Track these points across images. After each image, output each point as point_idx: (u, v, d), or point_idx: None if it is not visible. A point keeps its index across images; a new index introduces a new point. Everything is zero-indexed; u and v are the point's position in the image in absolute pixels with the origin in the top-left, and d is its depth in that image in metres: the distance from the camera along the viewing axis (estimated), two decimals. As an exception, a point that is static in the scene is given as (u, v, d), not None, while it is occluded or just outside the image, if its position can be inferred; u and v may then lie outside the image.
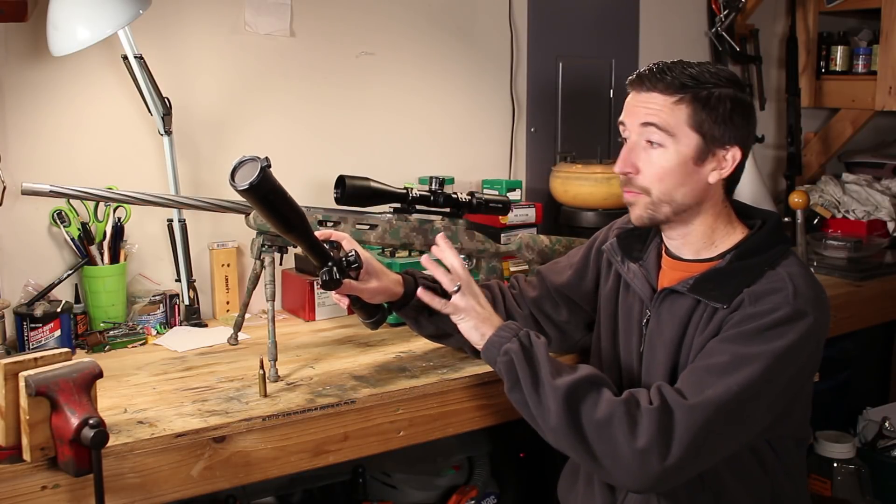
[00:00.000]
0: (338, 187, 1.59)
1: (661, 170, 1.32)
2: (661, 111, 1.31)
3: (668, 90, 1.30)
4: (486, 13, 2.36)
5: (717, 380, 1.23)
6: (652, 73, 1.32)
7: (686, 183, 1.32)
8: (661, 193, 1.33)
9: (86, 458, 1.13)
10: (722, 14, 2.78)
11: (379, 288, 1.45)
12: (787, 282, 1.28)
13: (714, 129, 1.30)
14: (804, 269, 1.33)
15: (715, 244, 1.38)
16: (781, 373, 1.25)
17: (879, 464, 2.31)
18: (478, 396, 1.55)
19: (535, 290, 1.62)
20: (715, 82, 1.30)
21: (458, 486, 2.05)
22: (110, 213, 1.79)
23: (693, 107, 1.30)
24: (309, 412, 1.37)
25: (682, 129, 1.30)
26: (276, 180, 1.20)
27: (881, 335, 2.70)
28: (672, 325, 1.36)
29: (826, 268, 2.39)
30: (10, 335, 1.67)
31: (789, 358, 1.25)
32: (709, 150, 1.32)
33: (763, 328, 1.25)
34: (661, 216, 1.36)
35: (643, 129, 1.33)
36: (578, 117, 2.56)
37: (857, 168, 3.12)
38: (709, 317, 1.32)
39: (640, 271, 1.44)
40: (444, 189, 1.70)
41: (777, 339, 1.24)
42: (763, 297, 1.27)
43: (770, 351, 1.23)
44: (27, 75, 1.73)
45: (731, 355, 1.24)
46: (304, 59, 2.06)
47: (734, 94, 1.32)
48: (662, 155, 1.32)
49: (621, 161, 1.35)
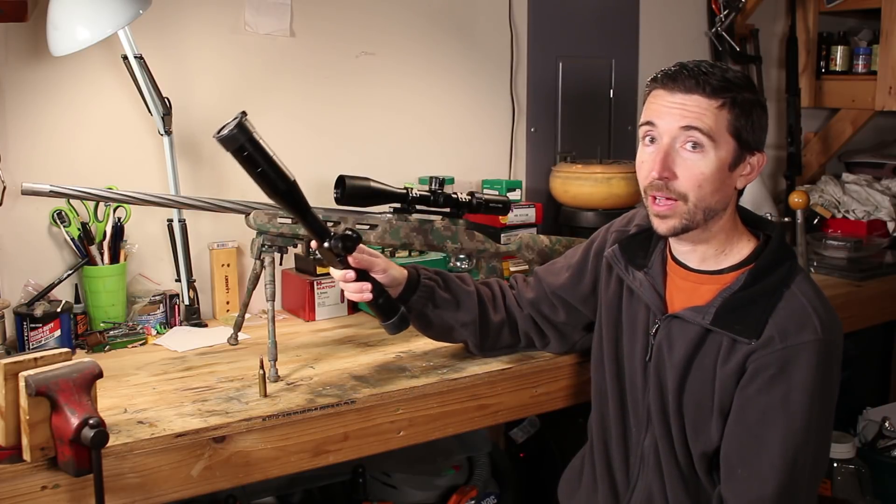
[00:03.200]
0: (338, 187, 1.59)
1: (700, 175, 1.27)
2: (704, 115, 1.25)
3: (712, 93, 1.25)
4: (486, 13, 2.36)
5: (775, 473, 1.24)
6: (693, 74, 1.26)
7: (720, 189, 1.29)
8: (697, 199, 1.28)
9: (86, 458, 1.13)
10: (722, 14, 2.78)
11: (388, 262, 1.44)
12: (809, 310, 1.26)
13: (749, 134, 1.28)
14: (814, 285, 1.32)
15: (725, 252, 1.35)
16: (828, 413, 1.28)
17: (879, 464, 2.31)
18: (478, 396, 1.55)
19: (532, 292, 1.61)
20: (744, 86, 1.28)
21: (458, 486, 2.05)
22: (110, 213, 1.79)
23: (733, 112, 1.26)
24: (309, 412, 1.37)
25: (722, 134, 1.26)
26: (256, 135, 1.19)
27: (881, 335, 2.70)
28: (683, 344, 1.33)
29: (826, 268, 2.39)
30: (10, 335, 1.68)
31: (831, 395, 1.28)
32: (742, 156, 1.29)
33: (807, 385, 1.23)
34: (695, 225, 1.30)
35: (683, 133, 1.26)
36: (578, 117, 2.56)
37: (857, 168, 3.12)
38: (729, 346, 1.29)
39: (646, 280, 1.41)
40: (444, 189, 1.70)
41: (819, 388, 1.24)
42: (791, 333, 1.25)
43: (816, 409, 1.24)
44: (27, 75, 1.73)
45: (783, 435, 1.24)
46: (304, 59, 2.06)
47: (758, 99, 1.30)
48: (702, 160, 1.26)
49: (658, 165, 1.27)
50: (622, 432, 1.44)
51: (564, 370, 1.65)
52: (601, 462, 1.47)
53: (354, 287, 1.38)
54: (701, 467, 1.34)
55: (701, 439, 1.33)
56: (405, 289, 1.48)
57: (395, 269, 1.47)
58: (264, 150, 1.20)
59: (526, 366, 1.60)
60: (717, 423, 1.31)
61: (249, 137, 1.18)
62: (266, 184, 1.22)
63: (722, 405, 1.30)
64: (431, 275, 1.52)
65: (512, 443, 2.33)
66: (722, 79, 1.26)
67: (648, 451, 1.39)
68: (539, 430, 2.30)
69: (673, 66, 1.29)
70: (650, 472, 1.39)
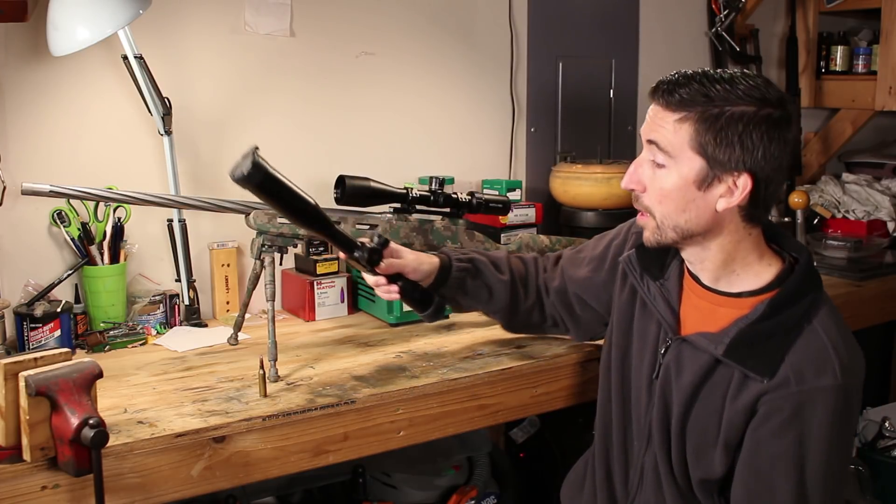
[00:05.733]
0: (338, 187, 1.59)
1: (660, 191, 1.23)
2: (663, 129, 1.21)
3: (673, 107, 1.20)
4: (486, 13, 2.36)
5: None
6: (663, 86, 1.21)
7: (689, 209, 1.22)
8: (662, 216, 1.24)
9: (86, 458, 1.13)
10: (722, 14, 2.78)
11: (418, 258, 1.45)
12: (829, 351, 1.18)
13: (719, 152, 1.18)
14: (837, 321, 1.23)
15: (737, 273, 1.27)
16: (845, 458, 1.26)
17: (879, 464, 2.32)
18: (478, 396, 1.54)
19: (557, 281, 1.59)
20: (735, 100, 1.17)
21: (458, 486, 2.05)
22: (110, 213, 1.79)
23: (697, 127, 1.18)
24: (309, 412, 1.37)
25: (683, 150, 1.19)
26: (271, 169, 1.19)
27: (881, 335, 2.71)
28: (692, 371, 1.27)
29: (826, 268, 2.39)
30: (10, 335, 1.68)
31: (848, 441, 1.24)
32: (714, 176, 1.19)
33: (823, 433, 1.18)
34: (666, 241, 1.26)
35: (648, 146, 1.24)
36: (578, 117, 2.56)
37: (857, 168, 3.12)
38: (741, 380, 1.22)
39: (659, 293, 1.35)
40: (444, 189, 1.71)
41: (836, 436, 1.19)
42: (809, 376, 1.18)
43: (833, 456, 1.19)
44: (27, 75, 1.73)
45: (796, 482, 1.19)
46: (304, 59, 2.06)
47: (755, 114, 1.17)
48: (665, 175, 1.22)
49: (626, 176, 1.27)
50: (623, 443, 1.41)
51: (564, 370, 1.65)
52: (602, 470, 1.45)
53: (384, 290, 1.42)
54: (701, 491, 1.30)
55: (702, 466, 1.28)
56: (436, 280, 1.49)
57: (427, 263, 1.46)
58: (282, 182, 1.21)
59: (526, 366, 1.60)
60: (721, 455, 1.25)
61: (266, 173, 1.19)
62: (288, 213, 1.25)
63: (727, 439, 1.24)
64: (464, 264, 1.51)
65: (512, 443, 2.34)
66: (693, 91, 1.18)
67: (648, 467, 1.36)
68: (539, 430, 2.30)
69: (668, 75, 1.24)
70: (649, 489, 1.35)
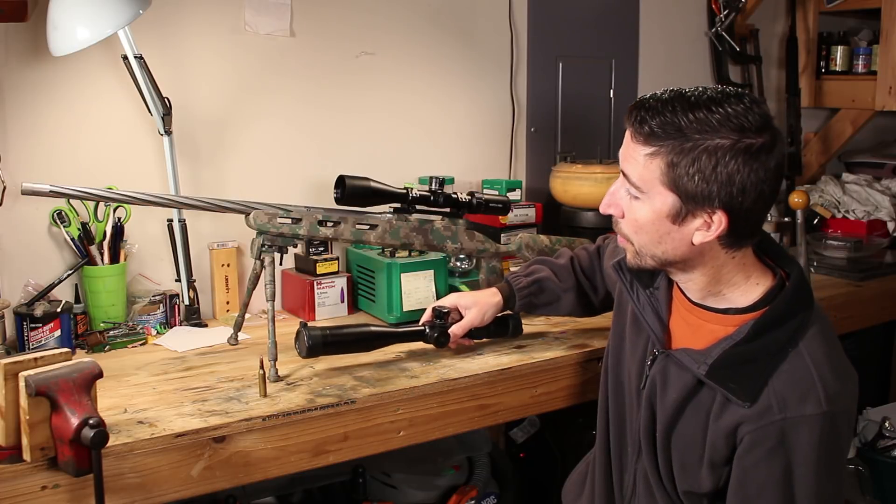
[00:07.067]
0: (338, 187, 1.59)
1: (635, 222, 1.19)
2: (635, 162, 1.15)
3: (644, 140, 1.13)
4: (486, 13, 2.36)
5: None
6: (635, 113, 1.14)
7: (664, 241, 1.18)
8: (639, 245, 1.21)
9: (86, 458, 1.13)
10: (722, 14, 2.78)
11: (481, 309, 1.61)
12: (814, 377, 1.13)
13: (692, 187, 1.11)
14: (826, 343, 1.17)
15: (723, 293, 1.22)
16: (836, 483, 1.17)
17: (879, 464, 2.31)
18: (478, 396, 1.55)
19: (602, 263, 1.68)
20: (710, 131, 1.09)
21: (458, 486, 2.05)
22: (110, 213, 1.79)
23: (668, 161, 1.11)
24: (309, 412, 1.37)
25: (655, 185, 1.14)
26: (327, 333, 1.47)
27: (881, 335, 2.71)
28: (677, 388, 1.24)
29: (826, 268, 2.39)
30: (10, 335, 1.68)
31: (838, 465, 1.17)
32: (688, 211, 1.14)
33: (810, 461, 1.12)
34: (647, 266, 1.23)
35: (623, 177, 1.20)
36: (578, 117, 2.56)
37: (857, 168, 3.12)
38: (723, 402, 1.18)
39: (649, 302, 1.31)
40: (444, 189, 1.71)
41: (824, 463, 1.13)
42: (792, 403, 1.12)
43: (822, 482, 1.13)
44: (27, 75, 1.73)
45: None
46: (304, 59, 2.06)
47: (732, 146, 1.09)
48: (639, 207, 1.18)
49: (605, 199, 1.23)
50: (619, 448, 1.40)
51: (564, 370, 1.65)
52: (601, 474, 1.44)
53: (464, 346, 1.66)
54: (689, 502, 1.27)
55: (688, 480, 1.25)
56: (505, 305, 1.65)
57: (491, 308, 1.62)
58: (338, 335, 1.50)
59: (526, 366, 1.60)
60: (707, 472, 1.22)
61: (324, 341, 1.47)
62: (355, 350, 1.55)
63: (712, 458, 1.20)
64: (526, 289, 1.65)
65: (512, 443, 2.34)
66: (666, 122, 1.11)
67: (640, 475, 1.34)
68: (539, 430, 2.30)
69: (642, 97, 1.16)
70: (643, 496, 1.34)
